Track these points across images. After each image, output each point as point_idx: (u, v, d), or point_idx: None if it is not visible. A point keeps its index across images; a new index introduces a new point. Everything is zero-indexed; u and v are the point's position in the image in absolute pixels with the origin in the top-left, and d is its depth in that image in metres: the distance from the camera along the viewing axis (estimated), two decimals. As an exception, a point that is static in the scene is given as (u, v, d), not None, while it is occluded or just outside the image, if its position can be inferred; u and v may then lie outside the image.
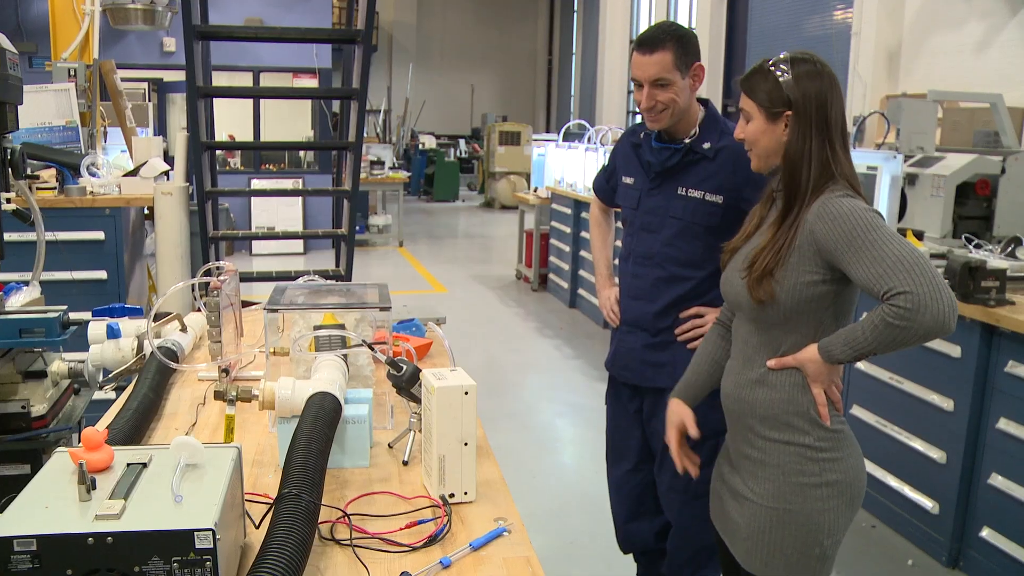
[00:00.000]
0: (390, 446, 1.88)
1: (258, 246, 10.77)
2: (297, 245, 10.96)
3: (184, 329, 2.47)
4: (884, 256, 1.61)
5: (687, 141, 2.41)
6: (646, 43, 2.32)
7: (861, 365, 3.77)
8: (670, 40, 2.30)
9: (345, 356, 1.94)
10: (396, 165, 14.38)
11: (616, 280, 2.73)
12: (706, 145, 2.39)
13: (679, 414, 2.07)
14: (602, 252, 2.88)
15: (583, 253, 7.78)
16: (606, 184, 2.77)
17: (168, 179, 4.54)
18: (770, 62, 1.80)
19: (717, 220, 2.37)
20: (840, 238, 1.67)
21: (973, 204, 4.16)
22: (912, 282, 1.57)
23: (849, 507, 1.82)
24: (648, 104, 2.35)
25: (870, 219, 1.66)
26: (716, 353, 2.06)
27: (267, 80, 11.06)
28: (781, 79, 1.76)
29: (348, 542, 1.45)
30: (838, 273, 1.72)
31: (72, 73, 5.09)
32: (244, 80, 10.75)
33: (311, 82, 11.25)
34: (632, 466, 2.73)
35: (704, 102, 2.46)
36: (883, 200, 4.14)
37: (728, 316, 2.05)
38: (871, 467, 3.78)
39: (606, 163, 2.82)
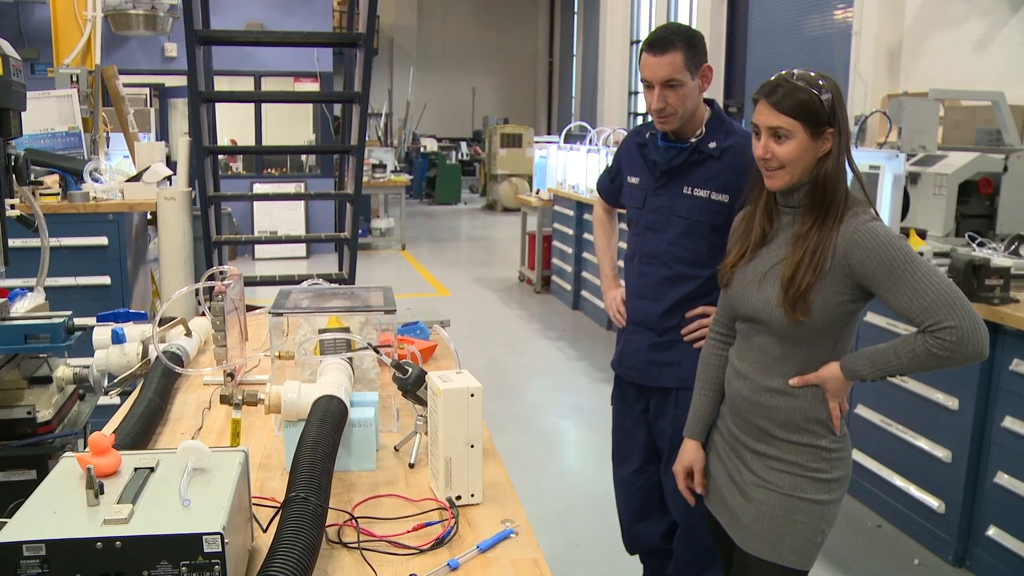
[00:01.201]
0: (396, 449, 1.88)
1: (261, 250, 10.78)
2: (300, 249, 10.97)
3: (189, 333, 2.48)
4: (927, 290, 1.70)
5: (693, 140, 2.41)
6: (657, 44, 2.32)
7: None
8: (680, 41, 2.30)
9: (350, 359, 1.94)
10: (398, 168, 14.39)
11: (621, 280, 2.73)
12: (712, 144, 2.40)
13: (691, 457, 2.15)
14: (607, 253, 2.88)
15: (586, 255, 7.78)
16: (610, 184, 2.77)
17: (171, 184, 4.55)
18: (795, 77, 1.77)
19: (723, 219, 2.37)
20: (879, 268, 1.73)
21: (976, 202, 4.15)
22: (957, 317, 1.68)
23: (840, 500, 1.94)
24: (659, 105, 2.35)
25: (906, 249, 1.73)
26: (717, 376, 2.09)
27: (268, 84, 11.07)
28: (823, 97, 1.76)
29: (356, 545, 1.45)
30: (865, 293, 1.79)
31: (74, 79, 5.10)
32: (245, 84, 10.76)
33: (312, 86, 11.26)
34: (638, 466, 2.73)
35: (710, 102, 2.47)
36: (886, 199, 4.14)
37: (726, 328, 2.07)
38: (877, 466, 3.78)
39: (610, 164, 2.82)
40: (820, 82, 1.77)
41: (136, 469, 1.30)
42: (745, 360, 1.95)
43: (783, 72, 1.80)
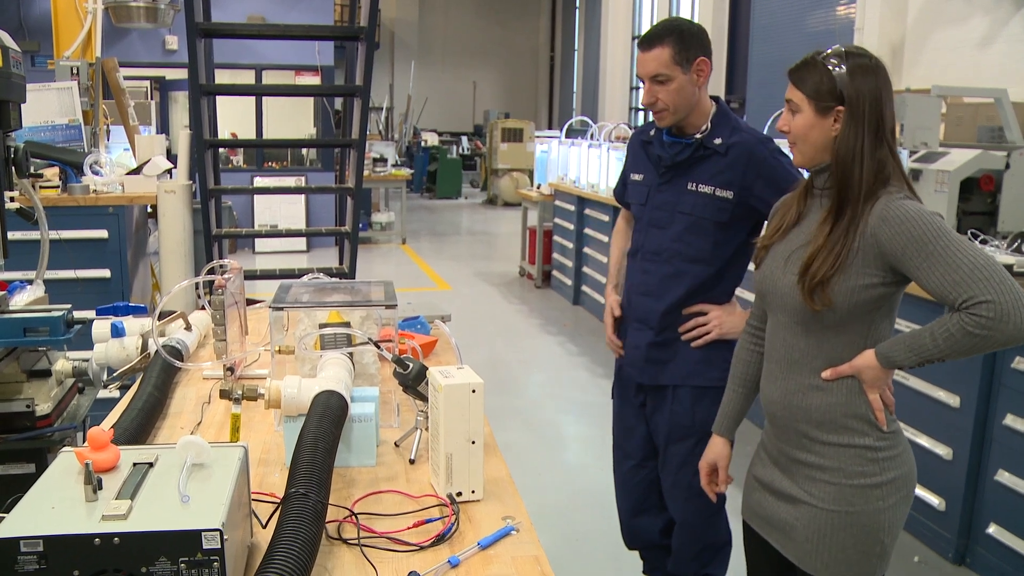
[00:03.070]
0: (397, 444, 1.88)
1: (261, 244, 10.77)
2: (300, 243, 10.96)
3: (188, 327, 2.47)
4: (960, 263, 1.57)
5: (698, 136, 2.40)
6: (645, 40, 2.35)
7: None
8: (668, 36, 2.30)
9: (351, 354, 1.93)
10: (399, 162, 14.37)
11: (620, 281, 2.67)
12: (718, 141, 2.38)
13: (716, 454, 2.10)
14: (615, 264, 2.77)
15: (587, 250, 7.77)
16: (623, 188, 2.71)
17: (171, 177, 4.54)
18: (821, 54, 1.74)
19: (727, 216, 2.36)
20: (909, 243, 1.62)
21: (978, 200, 4.14)
22: (993, 291, 1.54)
23: (906, 501, 1.80)
24: (648, 100, 2.36)
25: (939, 224, 1.62)
26: (749, 371, 2.02)
27: (269, 78, 11.04)
28: (834, 72, 1.70)
29: (356, 541, 1.44)
30: (898, 276, 1.68)
31: (75, 71, 5.08)
32: (246, 78, 10.73)
33: (313, 79, 11.23)
34: (637, 461, 2.72)
35: (715, 99, 2.46)
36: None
37: (759, 321, 2.00)
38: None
39: (621, 173, 2.77)
40: (845, 58, 1.70)
41: (135, 464, 1.30)
42: (773, 360, 1.87)
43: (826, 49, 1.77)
